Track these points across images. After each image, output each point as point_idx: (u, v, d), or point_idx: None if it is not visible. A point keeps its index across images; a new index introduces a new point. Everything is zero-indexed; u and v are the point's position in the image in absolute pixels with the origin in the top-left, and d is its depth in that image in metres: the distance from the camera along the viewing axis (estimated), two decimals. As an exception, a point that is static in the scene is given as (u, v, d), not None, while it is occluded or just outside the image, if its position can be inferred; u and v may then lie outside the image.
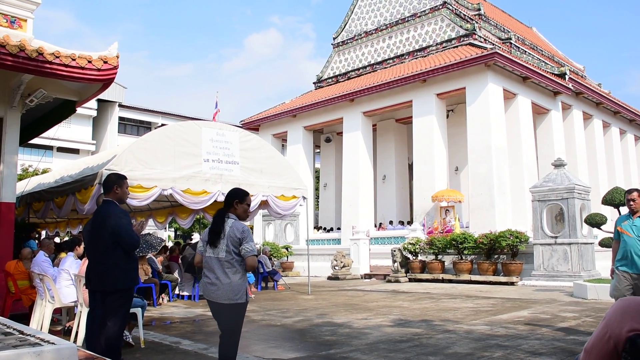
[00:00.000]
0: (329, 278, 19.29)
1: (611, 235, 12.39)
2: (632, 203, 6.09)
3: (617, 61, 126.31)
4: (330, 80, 28.63)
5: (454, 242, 16.13)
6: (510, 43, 23.31)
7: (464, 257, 16.18)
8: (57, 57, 8.10)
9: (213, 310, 4.38)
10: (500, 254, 15.74)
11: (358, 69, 27.10)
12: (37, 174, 23.26)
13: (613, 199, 11.72)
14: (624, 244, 6.10)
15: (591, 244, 14.56)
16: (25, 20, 8.81)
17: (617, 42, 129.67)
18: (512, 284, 14.80)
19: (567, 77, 22.18)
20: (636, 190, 6.12)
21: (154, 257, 11.59)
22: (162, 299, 11.46)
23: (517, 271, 15.12)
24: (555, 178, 14.79)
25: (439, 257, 16.89)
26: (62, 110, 10.63)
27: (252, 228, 27.68)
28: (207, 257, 4.32)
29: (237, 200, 4.42)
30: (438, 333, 7.14)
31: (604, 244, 12.90)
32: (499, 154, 19.32)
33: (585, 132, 25.38)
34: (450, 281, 16.11)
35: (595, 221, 12.86)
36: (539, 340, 6.43)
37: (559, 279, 13.98)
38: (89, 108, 42.04)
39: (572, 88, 22.68)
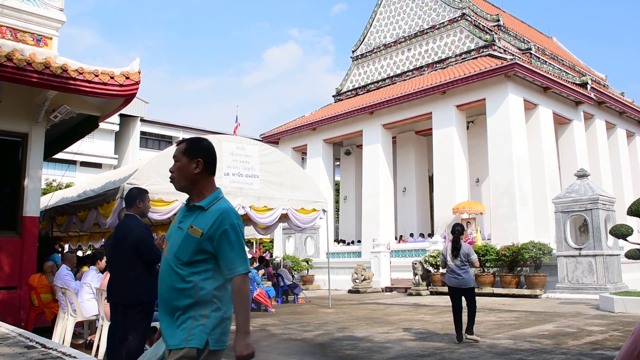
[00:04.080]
0: (350, 291, 19.19)
1: (638, 246, 12.18)
2: None
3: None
4: (349, 93, 28.68)
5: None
6: (530, 53, 23.13)
7: (486, 270, 15.97)
8: (81, 74, 8.26)
9: (456, 293, 7.64)
10: (523, 267, 15.50)
11: (377, 82, 27.10)
12: (60, 188, 23.62)
13: (639, 209, 11.48)
14: None
15: (617, 255, 14.28)
16: (51, 38, 9.00)
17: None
18: (536, 296, 14.55)
19: (588, 86, 21.91)
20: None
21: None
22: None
23: (541, 284, 14.87)
24: (578, 189, 14.56)
25: (461, 269, 16.67)
26: (85, 126, 10.81)
27: (272, 242, 27.74)
28: (449, 263, 7.63)
29: (460, 229, 7.87)
30: (461, 347, 7.04)
31: (630, 255, 12.61)
32: (521, 164, 19.11)
33: (609, 142, 24.99)
34: (472, 294, 15.89)
35: (621, 232, 12.60)
36: (564, 355, 6.29)
37: (584, 291, 13.71)
38: (112, 123, 42.64)
39: (594, 97, 22.39)
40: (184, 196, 2.71)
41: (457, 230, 7.84)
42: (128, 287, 4.65)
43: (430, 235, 21.83)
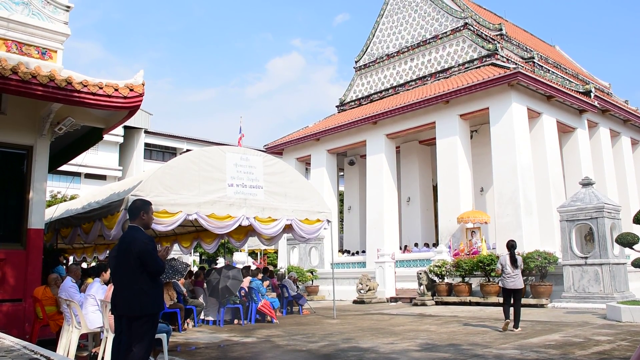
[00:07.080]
0: (355, 302, 19.11)
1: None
2: None
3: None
4: (353, 103, 28.74)
5: (480, 264, 15.88)
6: (533, 62, 23.16)
7: (491, 279, 15.88)
8: (85, 86, 8.30)
9: (509, 293, 9.88)
10: (528, 276, 15.41)
11: (380, 92, 27.16)
12: (65, 200, 23.68)
13: (645, 217, 11.41)
14: None
15: (623, 264, 14.19)
16: (55, 52, 9.07)
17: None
18: (542, 306, 14.47)
19: (592, 94, 21.89)
20: None
21: (177, 282, 11.62)
22: (187, 324, 11.45)
23: (547, 293, 14.78)
24: (583, 197, 14.50)
25: (466, 279, 16.61)
26: (90, 138, 10.86)
27: (276, 252, 27.70)
28: (507, 269, 9.89)
29: (514, 244, 10.20)
30: (467, 358, 6.99)
31: (637, 264, 12.53)
32: (525, 173, 19.07)
33: (613, 150, 24.94)
34: (477, 304, 15.82)
35: (627, 241, 12.53)
36: (572, 365, 6.24)
37: (590, 300, 13.62)
38: (116, 135, 42.84)
39: (597, 105, 22.37)
40: (188, 207, 2.73)
41: (513, 246, 10.17)
42: (133, 299, 4.64)
43: (435, 244, 21.75)
